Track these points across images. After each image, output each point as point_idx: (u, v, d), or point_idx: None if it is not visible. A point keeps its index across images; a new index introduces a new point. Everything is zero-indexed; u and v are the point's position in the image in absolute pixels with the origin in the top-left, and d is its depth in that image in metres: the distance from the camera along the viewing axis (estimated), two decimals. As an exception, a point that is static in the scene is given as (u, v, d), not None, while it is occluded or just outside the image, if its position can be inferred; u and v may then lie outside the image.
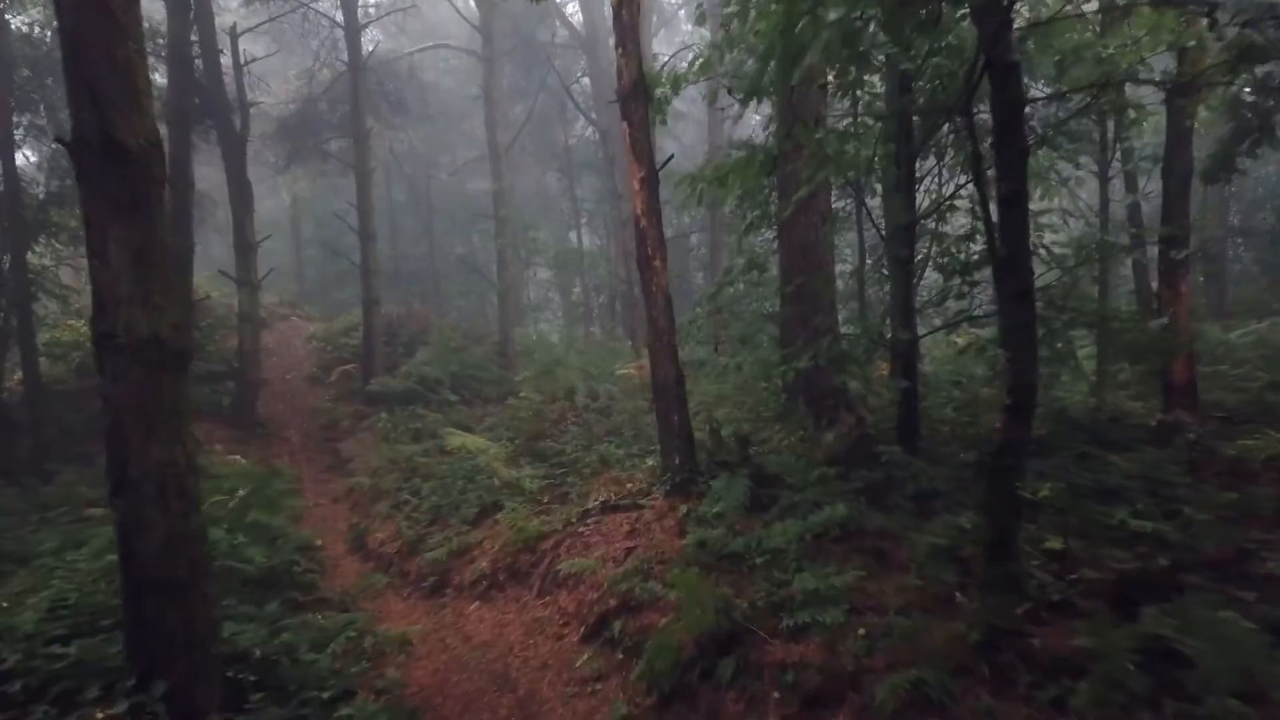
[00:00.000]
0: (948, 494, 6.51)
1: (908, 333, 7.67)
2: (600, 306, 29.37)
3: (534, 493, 10.19)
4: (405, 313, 21.75)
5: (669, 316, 7.97)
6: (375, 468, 14.44)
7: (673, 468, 8.03)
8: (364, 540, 11.90)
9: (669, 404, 8.06)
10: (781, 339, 9.60)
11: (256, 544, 8.11)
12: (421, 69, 26.08)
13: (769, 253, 10.70)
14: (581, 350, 21.01)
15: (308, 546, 10.46)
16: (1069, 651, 3.75)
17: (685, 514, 7.37)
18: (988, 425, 8.42)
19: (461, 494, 11.01)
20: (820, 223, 10.56)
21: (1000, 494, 4.19)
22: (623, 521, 7.90)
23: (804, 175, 8.42)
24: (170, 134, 12.28)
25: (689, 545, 6.80)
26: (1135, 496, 5.50)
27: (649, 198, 7.89)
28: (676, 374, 8.06)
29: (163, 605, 4.42)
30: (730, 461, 8.34)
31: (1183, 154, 8.41)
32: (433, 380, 18.16)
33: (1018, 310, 3.96)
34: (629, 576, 6.73)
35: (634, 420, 13.47)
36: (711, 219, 20.33)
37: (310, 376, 19.77)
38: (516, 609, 7.72)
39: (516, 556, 8.35)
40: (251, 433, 15.86)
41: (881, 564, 5.77)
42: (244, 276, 15.72)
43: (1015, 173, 3.92)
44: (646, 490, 8.39)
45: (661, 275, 7.92)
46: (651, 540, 7.29)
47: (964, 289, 8.17)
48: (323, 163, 22.62)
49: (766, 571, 5.96)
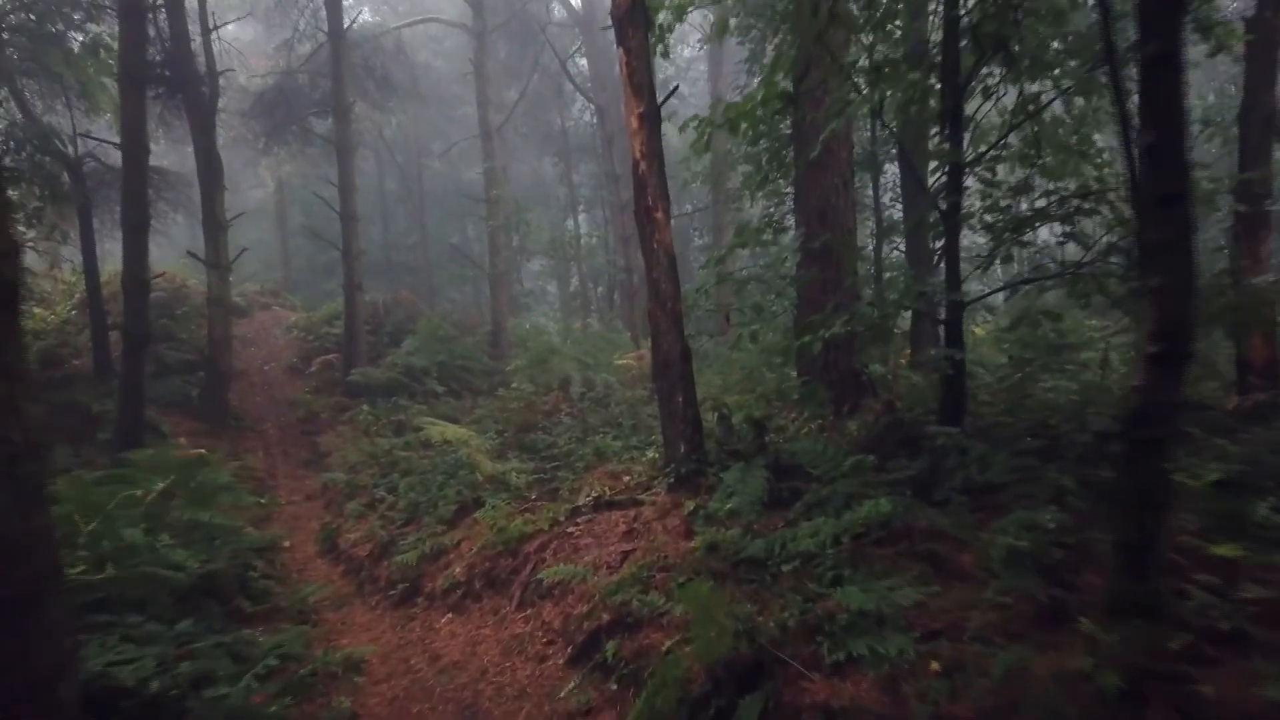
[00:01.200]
0: (1011, 486, 5.36)
1: (955, 296, 6.54)
2: (599, 297, 28.24)
3: (520, 488, 9.07)
4: (392, 300, 20.58)
5: (673, 279, 6.78)
6: (353, 462, 13.35)
7: (677, 458, 6.84)
8: (335, 541, 10.80)
9: (672, 383, 6.88)
10: (799, 312, 8.46)
11: (192, 546, 6.96)
12: (412, 48, 24.90)
13: (785, 212, 9.56)
14: (578, 340, 19.90)
15: (268, 548, 9.33)
16: (1257, 706, 2.60)
17: (692, 511, 6.21)
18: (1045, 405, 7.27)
19: (440, 490, 9.90)
20: (841, 184, 9.45)
21: (1143, 477, 3.02)
22: (619, 520, 6.74)
23: (827, 117, 7.31)
24: (123, 95, 11.15)
25: (698, 549, 5.65)
26: (1266, 487, 4.34)
27: (649, 137, 6.69)
28: (681, 348, 6.86)
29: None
30: (743, 450, 7.19)
31: (1265, 92, 7.28)
32: (418, 370, 17.02)
33: (1167, 220, 2.82)
34: (625, 586, 5.58)
35: (632, 411, 12.40)
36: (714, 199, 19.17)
37: (290, 367, 18.61)
38: (494, 623, 6.56)
39: (496, 561, 7.20)
40: (222, 425, 14.72)
41: (941, 572, 4.61)
42: (214, 258, 14.55)
43: (1166, 25, 2.78)
44: (646, 485, 7.23)
45: (664, 230, 6.73)
46: (652, 542, 6.13)
47: (1010, 252, 7.06)
48: (306, 144, 21.45)
49: (796, 582, 4.80)
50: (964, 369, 6.71)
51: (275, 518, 12.69)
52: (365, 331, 18.39)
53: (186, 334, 17.40)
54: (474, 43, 20.27)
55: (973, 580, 4.49)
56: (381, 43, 21.54)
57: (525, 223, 21.90)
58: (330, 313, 19.90)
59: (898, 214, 12.92)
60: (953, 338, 6.62)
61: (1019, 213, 7.09)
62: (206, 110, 14.39)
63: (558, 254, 25.45)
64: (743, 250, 8.19)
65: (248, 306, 21.93)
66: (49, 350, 16.30)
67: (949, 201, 6.59)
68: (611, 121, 20.94)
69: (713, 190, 18.62)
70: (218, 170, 14.68)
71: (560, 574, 5.88)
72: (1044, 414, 7.08)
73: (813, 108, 8.63)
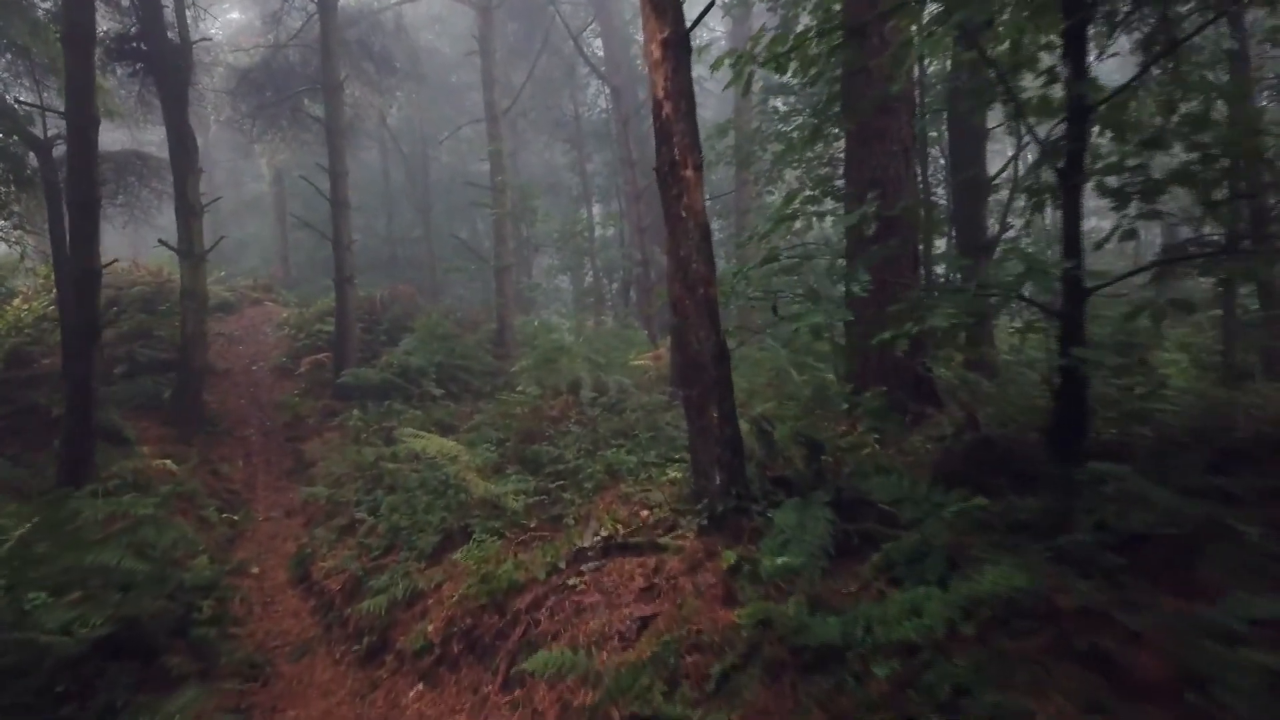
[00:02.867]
0: (1185, 540, 3.80)
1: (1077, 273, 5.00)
2: (613, 293, 26.72)
3: (518, 513, 7.57)
4: (389, 294, 19.12)
5: (706, 257, 5.20)
6: (338, 475, 11.92)
7: (711, 490, 5.24)
8: (309, 568, 9.41)
9: (704, 392, 5.31)
10: (849, 301, 6.90)
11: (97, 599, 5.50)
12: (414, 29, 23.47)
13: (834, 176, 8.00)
14: (590, 339, 18.38)
15: (212, 586, 7.89)
16: None
17: (734, 566, 4.67)
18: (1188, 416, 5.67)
19: (425, 513, 8.44)
20: (901, 152, 7.91)
21: None
22: (634, 571, 5.20)
23: (893, 60, 5.77)
24: (67, 54, 9.73)
25: (744, 623, 4.12)
26: None
27: (674, 69, 5.11)
28: (716, 346, 5.28)
29: None
30: (793, 478, 5.66)
31: None
32: (415, 371, 15.54)
33: None
34: (644, 671, 4.08)
35: (649, 418, 10.85)
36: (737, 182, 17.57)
37: (278, 367, 17.19)
38: (472, 704, 5.05)
39: (478, 618, 5.68)
40: (195, 430, 13.31)
41: (1115, 684, 3.07)
42: (186, 247, 13.14)
43: None
44: (670, 521, 5.67)
45: (695, 191, 5.14)
46: (680, 607, 4.60)
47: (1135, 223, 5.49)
48: (301, 129, 20.09)
49: (893, 692, 3.27)
50: (1085, 379, 5.16)
51: (249, 537, 11.31)
52: (359, 329, 16.98)
53: (166, 331, 16.01)
54: (479, 19, 18.79)
55: (1167, 698, 2.96)
56: (380, 19, 20.11)
57: (533, 210, 20.38)
58: (323, 309, 18.48)
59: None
60: (1073, 332, 5.08)
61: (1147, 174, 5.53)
62: (178, 82, 12.96)
63: (569, 246, 23.92)
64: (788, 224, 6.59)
65: (237, 302, 20.57)
66: (18, 348, 15.00)
67: (1069, 152, 5.04)
68: (627, 101, 19.44)
69: (737, 172, 17.02)
70: (192, 150, 13.27)
71: (552, 662, 4.34)
72: (1165, 430, 5.51)
73: (872, 53, 7.09)
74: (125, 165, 16.54)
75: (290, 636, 8.17)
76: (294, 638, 8.12)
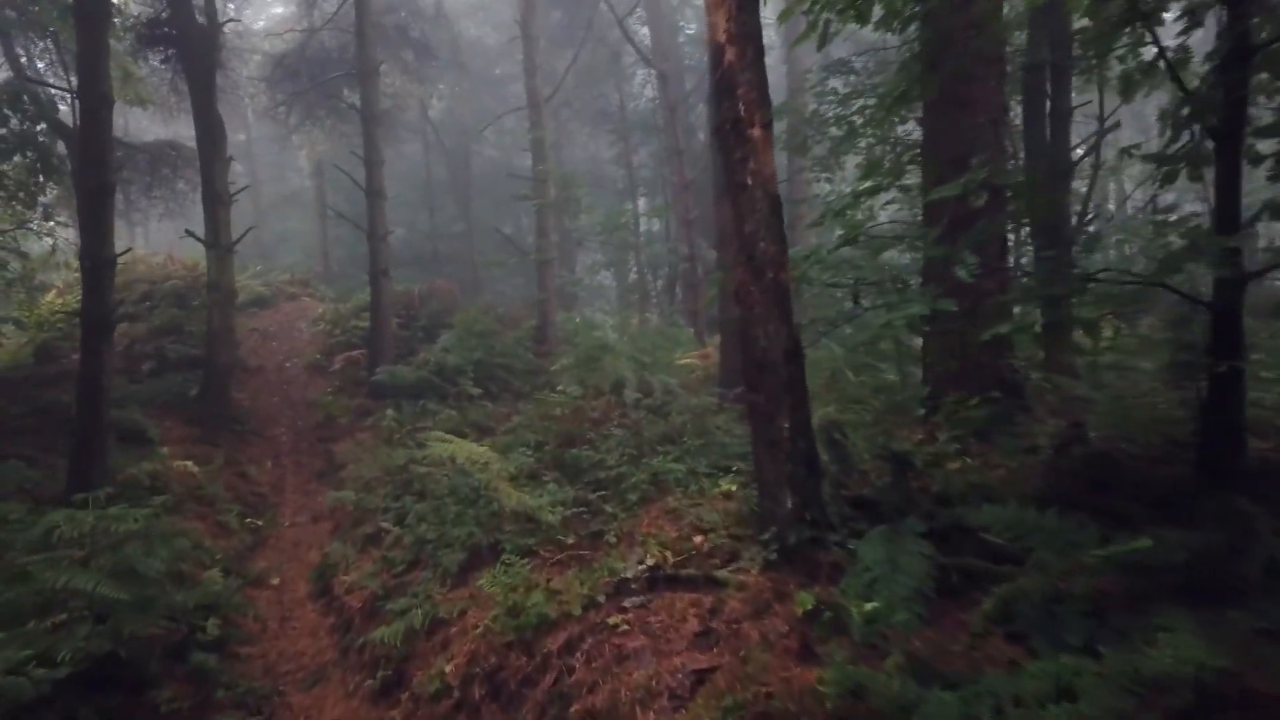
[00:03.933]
0: None
1: (1231, 265, 3.99)
2: (658, 290, 25.83)
3: (553, 527, 6.73)
4: (427, 289, 18.45)
5: (777, 234, 4.27)
6: (367, 479, 11.21)
7: (779, 516, 4.30)
8: (330, 581, 8.73)
9: (773, 397, 4.37)
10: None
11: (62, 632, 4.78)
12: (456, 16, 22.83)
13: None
14: (634, 337, 17.52)
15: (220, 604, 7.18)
16: None
17: (810, 612, 3.74)
18: None
19: (454, 525, 7.65)
20: (989, 124, 6.90)
21: None
22: (687, 610, 4.30)
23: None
24: (78, 31, 9.16)
25: (827, 690, 3.21)
26: None
27: (739, 7, 4.20)
28: (789, 340, 4.33)
29: None
30: (875, 498, 4.71)
31: None
32: (452, 370, 14.82)
33: None
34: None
35: (698, 422, 9.93)
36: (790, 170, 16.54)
37: (312, 364, 16.63)
38: (492, 768, 4.23)
39: (504, 657, 4.84)
40: (222, 429, 12.74)
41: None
42: (212, 238, 12.57)
43: None
44: (728, 549, 4.76)
45: (765, 154, 4.18)
46: (744, 661, 3.70)
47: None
48: (340, 120, 19.59)
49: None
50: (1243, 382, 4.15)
51: (272, 544, 10.70)
52: (396, 325, 16.34)
53: (197, 327, 15.53)
54: (521, 1, 18.04)
55: None
56: (420, 5, 19.49)
57: (577, 201, 19.58)
58: (359, 304, 17.89)
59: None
60: (1229, 331, 4.08)
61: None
62: (206, 67, 12.39)
63: (613, 240, 23.07)
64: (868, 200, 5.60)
65: (273, 297, 20.12)
66: (48, 343, 14.67)
67: (1228, 104, 4.05)
68: (674, 87, 18.54)
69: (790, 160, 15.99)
70: (219, 137, 12.71)
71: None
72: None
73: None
74: (160, 156, 16.14)
75: (305, 659, 7.48)
76: (309, 661, 7.44)
